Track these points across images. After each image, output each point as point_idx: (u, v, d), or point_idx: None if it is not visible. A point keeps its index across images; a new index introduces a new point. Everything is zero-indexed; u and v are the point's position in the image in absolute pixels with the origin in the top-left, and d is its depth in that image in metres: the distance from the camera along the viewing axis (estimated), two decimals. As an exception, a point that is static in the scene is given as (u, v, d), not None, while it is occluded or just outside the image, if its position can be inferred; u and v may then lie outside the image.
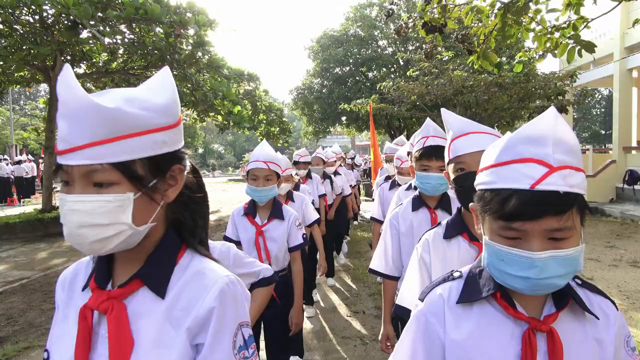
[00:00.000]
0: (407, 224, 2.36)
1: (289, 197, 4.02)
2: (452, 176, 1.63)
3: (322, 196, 5.56)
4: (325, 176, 6.02)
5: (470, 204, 1.07)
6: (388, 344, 2.35)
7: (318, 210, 5.15)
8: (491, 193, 0.94)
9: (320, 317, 4.97)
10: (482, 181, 0.99)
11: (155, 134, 0.89)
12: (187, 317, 0.91)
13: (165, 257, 0.97)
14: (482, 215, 0.99)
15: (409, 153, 3.52)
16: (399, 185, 3.78)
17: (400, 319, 2.25)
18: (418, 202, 2.40)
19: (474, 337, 1.00)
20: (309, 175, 5.48)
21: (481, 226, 1.01)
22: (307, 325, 4.66)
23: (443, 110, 1.77)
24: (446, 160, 1.67)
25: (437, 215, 2.34)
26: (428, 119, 2.49)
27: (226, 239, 2.81)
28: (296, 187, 4.65)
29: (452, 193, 2.45)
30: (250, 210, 2.83)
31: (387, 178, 4.95)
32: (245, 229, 2.80)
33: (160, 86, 0.96)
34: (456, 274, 1.10)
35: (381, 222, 3.59)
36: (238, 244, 2.74)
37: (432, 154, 2.26)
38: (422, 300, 1.10)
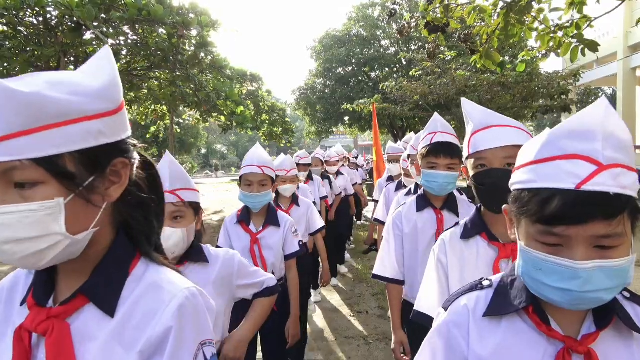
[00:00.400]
0: (411, 225, 2.25)
1: (294, 201, 3.80)
2: (471, 173, 1.51)
3: (324, 198, 5.54)
4: (323, 177, 5.98)
5: (504, 206, 0.97)
6: (403, 355, 2.19)
7: (319, 212, 5.12)
8: (529, 193, 0.83)
9: (323, 316, 4.97)
10: (519, 180, 0.88)
11: (88, 122, 0.75)
12: (141, 337, 0.79)
13: (114, 267, 0.84)
14: (518, 218, 0.88)
15: (409, 156, 3.46)
16: (406, 187, 3.71)
17: (411, 325, 2.14)
18: (423, 202, 2.27)
19: (500, 354, 0.91)
20: (309, 177, 5.47)
21: (516, 231, 0.91)
22: (309, 325, 4.66)
23: (464, 100, 1.65)
24: (465, 154, 1.55)
25: (444, 216, 2.22)
26: (436, 114, 2.36)
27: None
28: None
29: (457, 192, 2.39)
30: (244, 217, 2.68)
31: (390, 178, 4.94)
32: (239, 237, 2.65)
33: (97, 68, 0.82)
34: (485, 283, 1.00)
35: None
36: None
37: (440, 150, 2.13)
38: (445, 309, 1.02)
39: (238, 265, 1.75)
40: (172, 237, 1.59)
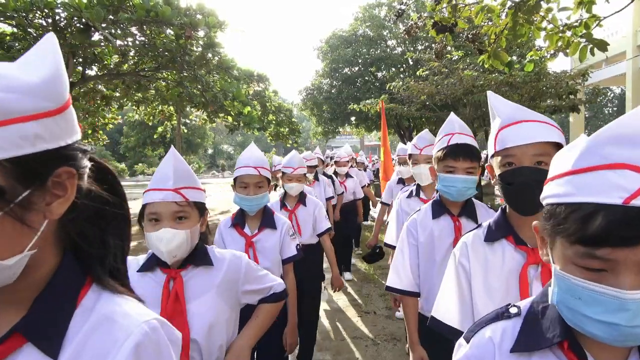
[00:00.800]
0: (426, 233, 2.12)
1: (301, 200, 3.65)
2: (497, 171, 1.39)
3: (329, 199, 5.52)
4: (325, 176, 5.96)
5: (534, 223, 0.86)
6: None
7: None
8: (566, 208, 0.71)
9: (331, 317, 4.98)
10: (554, 193, 0.75)
11: (22, 124, 0.60)
12: None
13: (59, 297, 0.69)
14: (552, 237, 0.76)
15: (410, 156, 3.37)
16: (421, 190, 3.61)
17: (427, 339, 2.06)
18: (439, 209, 2.14)
19: None
20: (316, 178, 5.46)
21: (549, 252, 0.79)
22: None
23: (490, 94, 1.52)
24: (490, 151, 1.43)
25: (462, 223, 2.09)
26: (452, 113, 2.24)
27: None
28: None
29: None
30: (239, 220, 2.57)
31: (400, 180, 4.92)
32: (234, 241, 2.53)
33: (38, 59, 0.67)
34: (513, 310, 0.88)
35: None
36: None
37: (459, 153, 2.00)
38: (467, 340, 0.91)
39: (245, 268, 1.64)
40: (175, 239, 1.49)
